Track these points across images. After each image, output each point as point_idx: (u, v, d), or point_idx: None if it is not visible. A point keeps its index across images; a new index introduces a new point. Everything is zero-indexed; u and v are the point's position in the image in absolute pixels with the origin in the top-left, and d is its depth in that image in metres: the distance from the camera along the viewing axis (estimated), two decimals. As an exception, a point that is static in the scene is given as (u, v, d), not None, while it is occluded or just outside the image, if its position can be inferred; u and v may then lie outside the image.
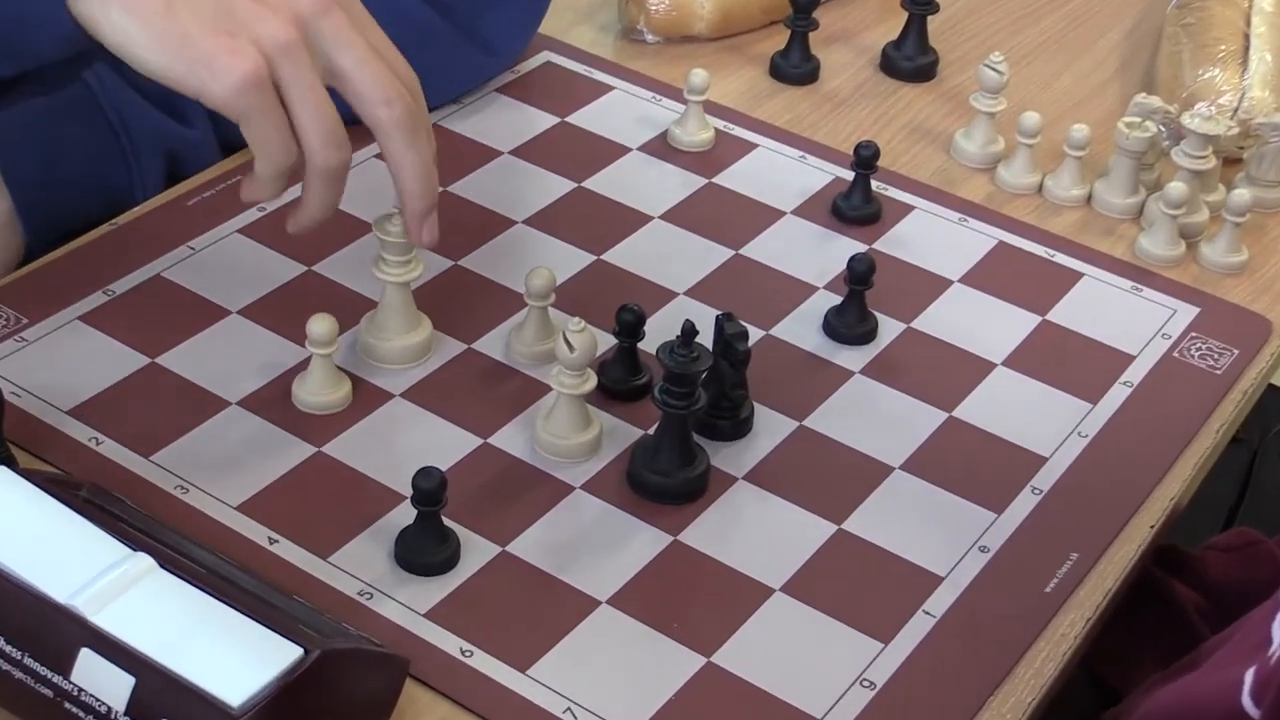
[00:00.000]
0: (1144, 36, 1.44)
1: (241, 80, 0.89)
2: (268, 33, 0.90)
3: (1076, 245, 1.21)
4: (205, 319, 1.07)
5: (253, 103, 0.90)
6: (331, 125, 0.92)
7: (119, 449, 0.98)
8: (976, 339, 1.12)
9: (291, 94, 0.91)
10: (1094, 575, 0.96)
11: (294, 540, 0.93)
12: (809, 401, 1.06)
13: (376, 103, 0.94)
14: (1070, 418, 1.06)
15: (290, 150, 0.92)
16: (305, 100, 0.91)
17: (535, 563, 0.94)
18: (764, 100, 1.35)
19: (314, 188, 0.95)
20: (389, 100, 0.94)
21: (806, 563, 0.95)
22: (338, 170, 0.94)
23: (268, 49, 0.90)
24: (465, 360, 1.07)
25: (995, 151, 1.29)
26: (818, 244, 1.19)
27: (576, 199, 1.21)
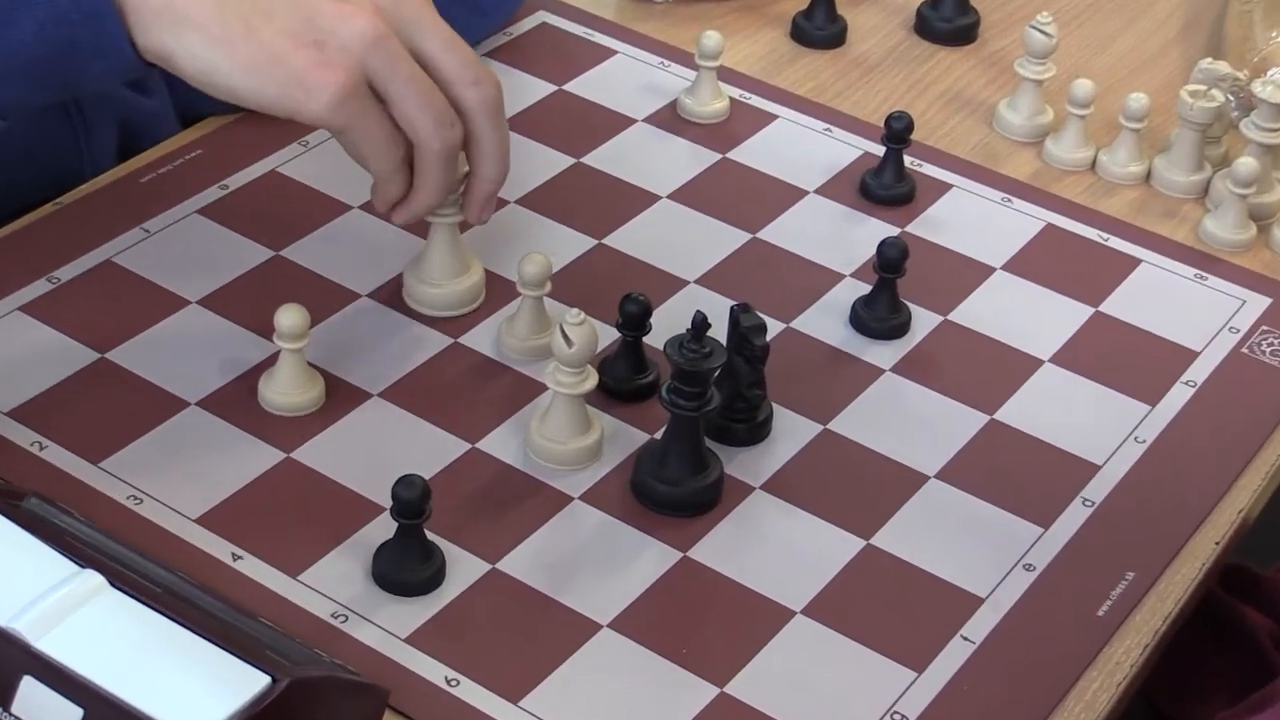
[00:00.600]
0: (1209, -6, 1.45)
1: (338, 94, 0.94)
2: (355, 32, 0.94)
3: (1133, 228, 1.22)
4: (161, 309, 1.08)
5: (353, 111, 0.95)
6: (440, 106, 0.98)
7: (65, 455, 0.98)
8: (1021, 333, 1.12)
9: (392, 88, 0.96)
10: (1152, 597, 0.97)
11: (260, 556, 0.94)
12: (834, 402, 1.06)
13: (466, 84, 1.00)
14: (1126, 421, 1.07)
15: (399, 143, 0.98)
16: (408, 90, 0.97)
17: (529, 581, 0.94)
18: (784, 66, 1.35)
19: (431, 172, 1.00)
20: (478, 81, 1.00)
21: (831, 582, 0.95)
22: (455, 147, 1.00)
23: (358, 49, 0.94)
24: (451, 356, 1.07)
25: (1043, 123, 1.29)
26: (844, 227, 1.19)
27: (575, 176, 1.21)
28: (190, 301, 1.08)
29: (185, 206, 1.15)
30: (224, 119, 1.22)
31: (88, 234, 1.12)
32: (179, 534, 0.95)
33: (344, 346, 1.06)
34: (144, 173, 1.17)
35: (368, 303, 1.10)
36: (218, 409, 1.02)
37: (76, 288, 1.09)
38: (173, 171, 1.18)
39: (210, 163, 1.19)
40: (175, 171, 1.18)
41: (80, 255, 1.11)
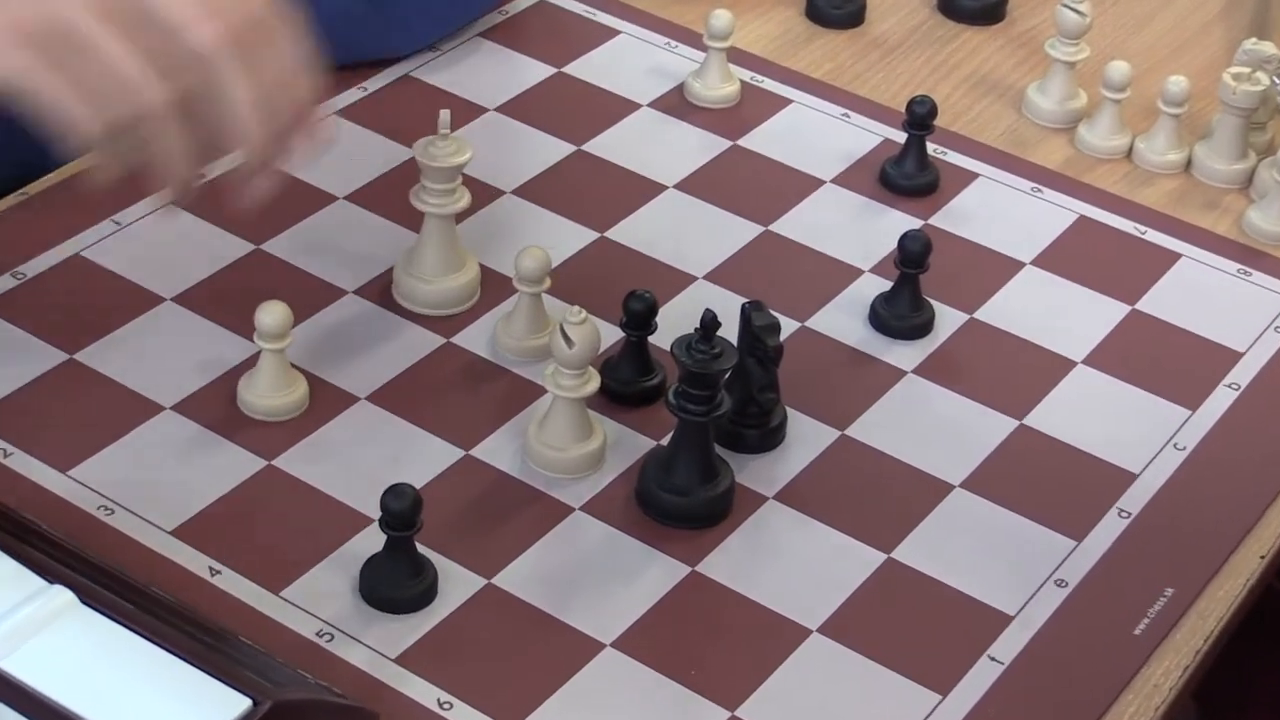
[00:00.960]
0: (1254, -30, 1.45)
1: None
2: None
3: (1173, 220, 1.22)
4: (133, 307, 1.08)
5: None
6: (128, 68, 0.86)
7: (32, 463, 0.98)
8: (1052, 332, 1.12)
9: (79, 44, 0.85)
10: (1193, 615, 0.97)
11: (240, 571, 0.94)
12: (853, 407, 1.06)
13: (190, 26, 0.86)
14: (1165, 427, 1.07)
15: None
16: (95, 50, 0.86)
17: (526, 598, 0.94)
18: (799, 47, 1.35)
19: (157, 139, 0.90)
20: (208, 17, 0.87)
21: (850, 599, 0.96)
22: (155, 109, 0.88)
23: None
24: (443, 356, 1.07)
25: (1075, 108, 1.29)
26: (863, 219, 1.20)
27: (576, 165, 1.22)
28: (165, 298, 1.09)
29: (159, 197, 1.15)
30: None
31: (55, 226, 1.12)
32: (153, 547, 0.95)
33: (329, 346, 1.07)
34: (115, 161, 1.18)
35: (355, 300, 1.10)
36: (194, 413, 1.02)
37: (43, 283, 1.09)
38: (146, 160, 1.18)
39: (186, 150, 1.19)
40: (149, 160, 1.18)
41: (47, 249, 1.11)
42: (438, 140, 1.06)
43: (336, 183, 1.18)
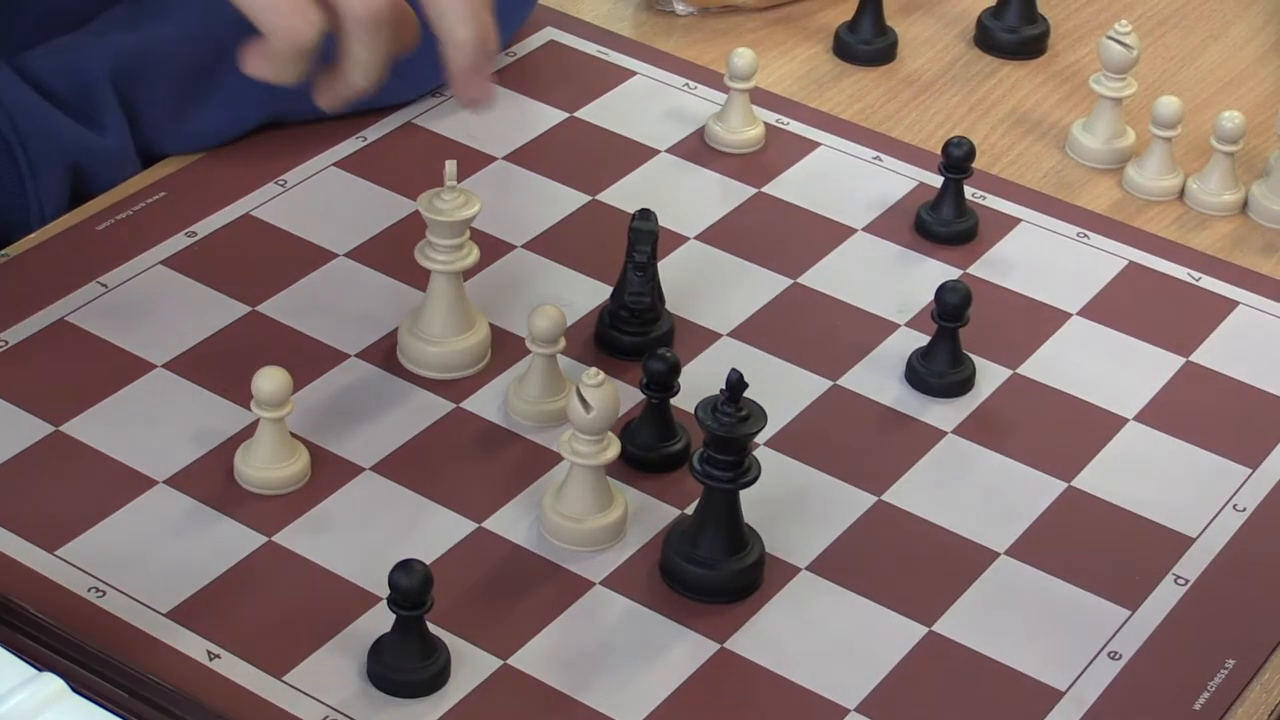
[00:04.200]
0: (1311, -3, 1.47)
1: None
2: None
3: (1229, 266, 1.23)
4: (123, 375, 1.09)
5: None
6: None
7: (17, 542, 0.99)
8: (1102, 388, 1.13)
9: None
10: (1256, 688, 0.98)
11: (240, 655, 0.95)
12: (889, 470, 1.07)
13: None
14: (1223, 487, 1.08)
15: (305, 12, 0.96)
16: None
17: (545, 679, 0.95)
18: (827, 86, 1.37)
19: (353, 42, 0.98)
20: None
21: (889, 675, 0.97)
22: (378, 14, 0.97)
23: None
24: (452, 423, 1.09)
25: (1123, 147, 1.31)
26: (897, 269, 1.21)
27: (590, 216, 1.23)
28: (155, 365, 1.10)
29: (148, 257, 1.17)
30: (188, 157, 1.24)
31: (38, 290, 1.14)
32: (148, 630, 0.95)
33: (331, 414, 1.08)
34: (100, 219, 1.19)
35: (357, 364, 1.12)
36: (189, 487, 1.03)
37: (26, 351, 1.10)
38: (133, 217, 1.20)
39: (175, 207, 1.21)
40: (136, 217, 1.20)
41: (30, 314, 1.12)
42: (443, 192, 1.07)
43: (336, 239, 1.19)
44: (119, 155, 1.21)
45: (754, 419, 0.97)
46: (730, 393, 0.97)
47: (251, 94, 1.23)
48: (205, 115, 1.24)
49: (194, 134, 1.24)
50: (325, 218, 1.21)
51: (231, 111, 1.24)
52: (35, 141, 1.17)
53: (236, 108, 1.24)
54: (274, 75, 0.99)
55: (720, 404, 0.97)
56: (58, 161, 1.18)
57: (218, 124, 1.24)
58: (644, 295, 1.11)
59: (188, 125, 1.24)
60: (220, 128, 1.25)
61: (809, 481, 1.07)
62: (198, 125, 1.24)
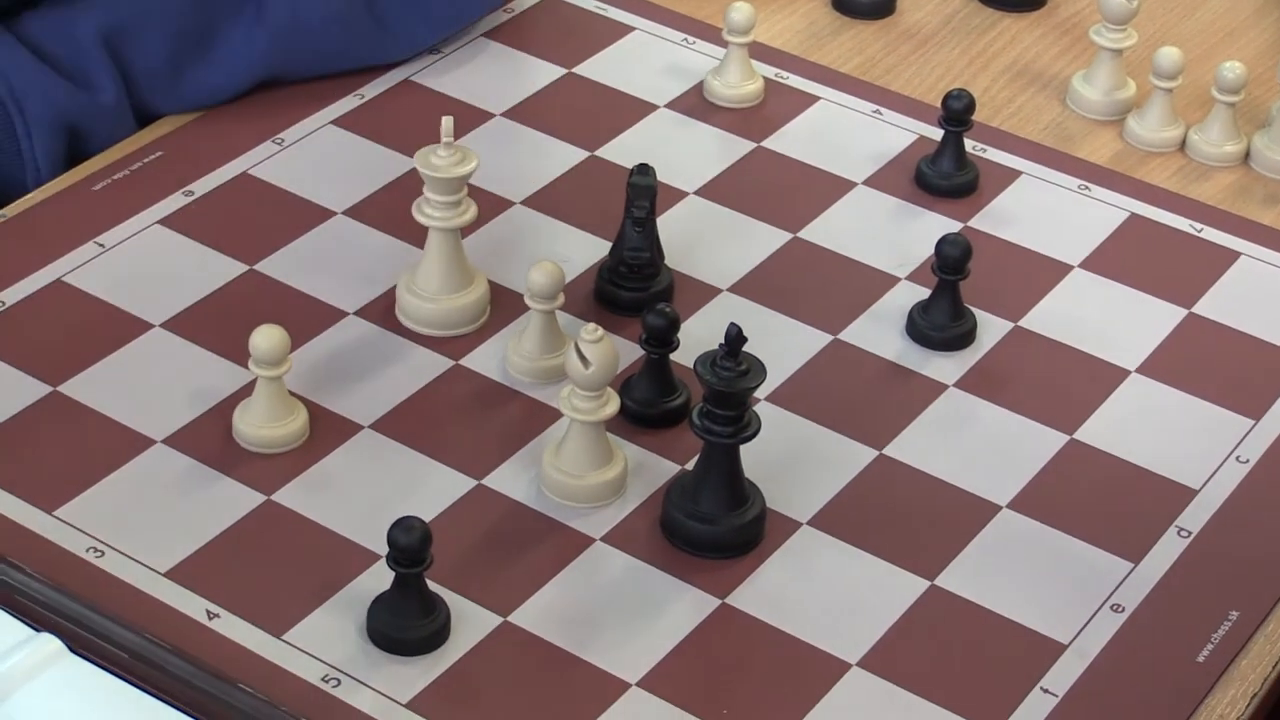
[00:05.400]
0: (1313, -53, 1.46)
1: None
2: None
3: (1230, 216, 1.23)
4: (120, 335, 1.09)
5: None
6: None
7: (16, 503, 0.99)
8: (1104, 339, 1.13)
9: None
10: (1259, 640, 0.98)
11: (239, 614, 0.95)
12: (890, 424, 1.07)
13: None
14: (1226, 438, 1.08)
15: None
16: None
17: (545, 636, 0.95)
18: (826, 40, 1.37)
19: None
20: None
21: (891, 630, 0.97)
22: None
23: None
24: (451, 380, 1.09)
25: (1124, 99, 1.30)
26: (898, 223, 1.21)
27: (589, 172, 1.23)
28: (153, 325, 1.10)
29: (145, 217, 1.17)
30: (185, 117, 1.24)
31: (35, 250, 1.14)
32: (147, 590, 0.96)
33: (329, 372, 1.08)
34: (97, 179, 1.19)
35: (356, 321, 1.11)
36: (187, 446, 1.03)
37: (24, 311, 1.10)
38: (129, 177, 1.19)
39: (172, 166, 1.21)
40: (132, 177, 1.19)
41: (27, 275, 1.12)
42: (440, 149, 1.07)
43: (333, 197, 1.19)
44: (115, 114, 1.21)
45: (753, 373, 0.97)
46: (729, 347, 0.97)
47: (247, 54, 1.23)
48: (201, 75, 1.24)
49: (190, 94, 1.24)
50: (323, 176, 1.21)
51: (227, 71, 1.24)
52: (31, 101, 1.17)
53: (232, 68, 1.24)
54: None
55: (719, 359, 0.97)
56: (54, 121, 1.18)
57: (214, 83, 1.24)
58: (643, 250, 1.11)
59: (184, 85, 1.23)
60: (217, 86, 1.24)
61: (810, 436, 1.06)
62: (194, 85, 1.24)
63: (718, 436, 0.98)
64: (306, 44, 1.25)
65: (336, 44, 1.26)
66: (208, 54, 1.23)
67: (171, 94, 1.23)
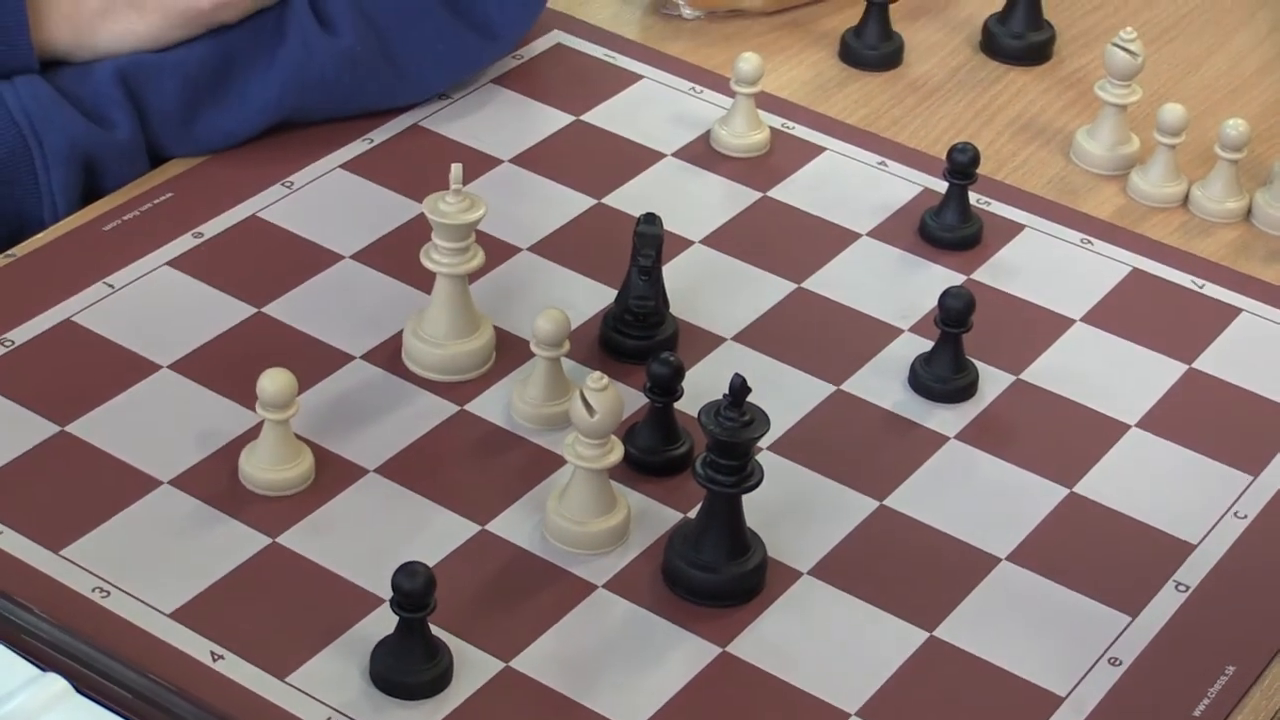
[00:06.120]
0: (1316, 5, 1.47)
1: None
2: None
3: (1232, 273, 1.23)
4: (128, 375, 1.10)
5: None
6: None
7: (22, 542, 1.00)
8: (1104, 394, 1.14)
9: None
10: (1256, 694, 0.98)
11: (243, 656, 0.95)
12: (891, 475, 1.08)
13: None
14: (1225, 494, 1.08)
15: None
16: None
17: (547, 682, 0.96)
18: (833, 91, 1.37)
19: None
20: None
21: (890, 680, 0.97)
22: None
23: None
24: (456, 425, 1.09)
25: (1128, 154, 1.31)
26: (902, 274, 1.21)
27: (596, 220, 1.24)
28: (161, 366, 1.11)
29: (154, 258, 1.18)
30: (195, 159, 1.25)
31: (45, 290, 1.14)
32: (152, 630, 0.96)
33: (336, 416, 1.09)
34: (107, 219, 1.20)
35: (362, 365, 1.12)
36: (193, 488, 1.04)
37: (32, 351, 1.11)
38: (140, 218, 1.20)
39: (182, 208, 1.21)
40: (143, 218, 1.20)
41: (37, 314, 1.13)
42: (449, 195, 1.08)
43: (342, 241, 1.20)
44: (130, 151, 1.22)
45: (757, 424, 0.98)
46: (733, 397, 0.97)
47: (262, 98, 1.24)
48: (215, 118, 1.25)
49: (204, 136, 1.25)
50: (331, 219, 1.21)
51: (242, 115, 1.25)
52: (50, 134, 1.18)
53: (247, 111, 1.25)
54: None
55: (723, 408, 0.97)
56: (71, 154, 1.19)
57: (228, 127, 1.25)
58: (648, 299, 1.12)
59: (198, 127, 1.24)
60: (231, 130, 1.25)
61: (811, 486, 1.07)
62: (208, 128, 1.25)
63: (720, 486, 0.98)
64: (320, 87, 1.26)
65: (349, 88, 1.27)
66: (223, 98, 1.24)
67: (185, 136, 1.24)
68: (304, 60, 1.25)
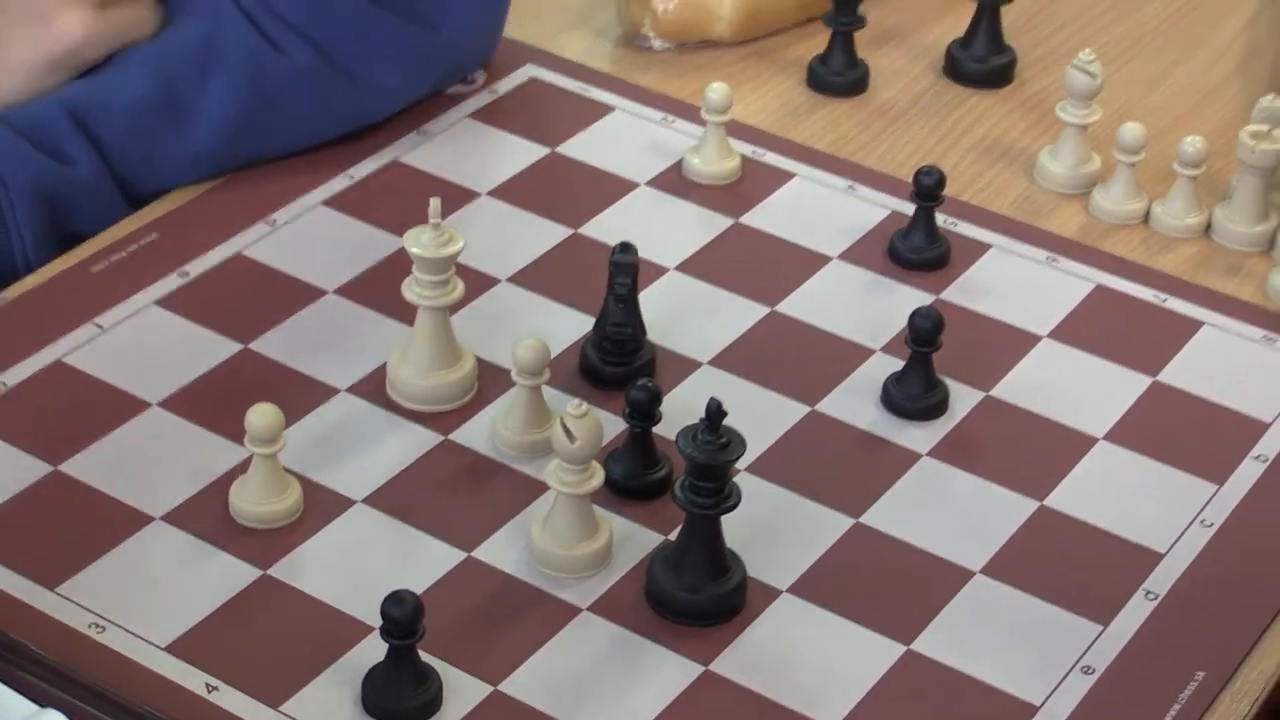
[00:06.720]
0: (1271, 23, 1.48)
1: None
2: None
3: (1194, 287, 1.24)
4: (119, 414, 1.10)
5: None
6: None
7: (17, 580, 1.00)
8: (1072, 408, 1.15)
9: None
10: (1226, 699, 0.99)
11: (237, 687, 0.96)
12: (866, 492, 1.09)
13: None
14: (1191, 503, 1.09)
15: None
16: None
17: (535, 704, 0.96)
18: (801, 118, 1.38)
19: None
20: None
21: (869, 694, 0.98)
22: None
23: None
24: (441, 454, 1.10)
25: (1089, 173, 1.32)
26: (872, 296, 1.22)
27: (572, 249, 1.24)
28: (150, 404, 1.11)
29: (141, 297, 1.18)
30: (179, 198, 1.25)
31: (34, 332, 1.15)
32: (147, 664, 0.97)
33: (323, 448, 1.09)
34: (94, 261, 1.20)
35: (347, 398, 1.13)
36: (185, 523, 1.04)
37: (24, 393, 1.11)
38: (127, 259, 1.21)
39: (167, 247, 1.22)
40: (129, 259, 1.21)
41: (27, 356, 1.13)
42: (428, 229, 1.08)
43: (325, 276, 1.20)
44: (96, 189, 1.21)
45: (734, 446, 0.98)
46: (710, 421, 0.98)
47: (219, 121, 1.24)
48: (174, 145, 1.25)
49: (168, 167, 1.25)
50: (314, 255, 1.22)
51: (199, 141, 1.25)
52: (13, 173, 1.18)
53: (203, 137, 1.25)
54: None
55: (700, 432, 0.98)
56: (35, 192, 1.18)
57: (192, 150, 1.25)
58: (625, 326, 1.13)
59: (159, 159, 1.25)
60: (196, 153, 1.25)
61: (788, 505, 1.08)
62: (169, 158, 1.25)
63: (700, 508, 0.99)
64: (279, 106, 1.26)
65: (308, 104, 1.27)
66: (177, 124, 1.24)
67: (150, 170, 1.24)
68: (255, 76, 1.24)
